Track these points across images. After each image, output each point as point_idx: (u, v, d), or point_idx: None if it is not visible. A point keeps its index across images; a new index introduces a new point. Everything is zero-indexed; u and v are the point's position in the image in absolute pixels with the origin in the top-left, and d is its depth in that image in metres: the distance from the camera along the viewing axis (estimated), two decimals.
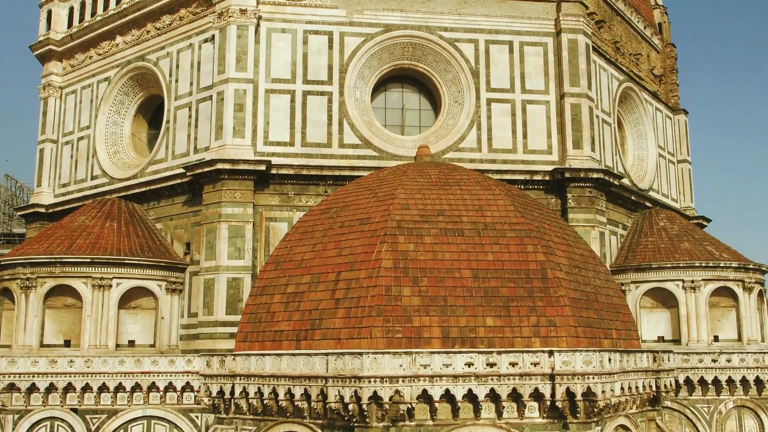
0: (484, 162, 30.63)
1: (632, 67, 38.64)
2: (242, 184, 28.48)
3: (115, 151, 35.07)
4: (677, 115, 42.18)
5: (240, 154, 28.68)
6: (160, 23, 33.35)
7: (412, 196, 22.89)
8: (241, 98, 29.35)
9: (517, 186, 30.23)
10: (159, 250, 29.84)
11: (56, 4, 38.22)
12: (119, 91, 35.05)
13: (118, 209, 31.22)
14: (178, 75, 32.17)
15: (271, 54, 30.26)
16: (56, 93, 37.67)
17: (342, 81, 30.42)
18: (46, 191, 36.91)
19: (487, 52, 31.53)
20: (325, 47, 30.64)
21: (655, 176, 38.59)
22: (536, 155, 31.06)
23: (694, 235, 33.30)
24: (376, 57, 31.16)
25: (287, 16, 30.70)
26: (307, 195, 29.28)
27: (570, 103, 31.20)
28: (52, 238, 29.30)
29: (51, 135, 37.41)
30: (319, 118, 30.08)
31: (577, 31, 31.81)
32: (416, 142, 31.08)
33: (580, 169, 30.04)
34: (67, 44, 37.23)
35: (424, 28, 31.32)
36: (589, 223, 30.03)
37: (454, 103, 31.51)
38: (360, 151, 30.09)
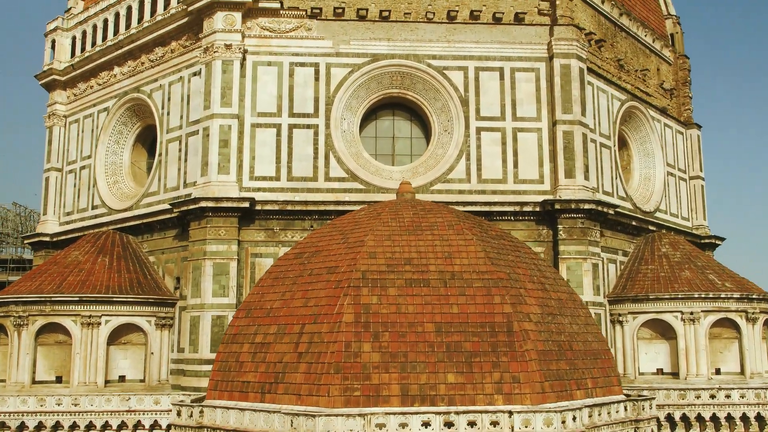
0: (473, 193, 30.12)
1: (638, 84, 37.49)
2: (227, 221, 28.55)
3: (114, 180, 35.52)
4: (689, 130, 40.84)
5: (224, 192, 28.73)
6: (154, 55, 33.59)
7: (381, 243, 22.57)
8: (226, 134, 29.37)
9: (506, 217, 29.76)
10: (149, 286, 30.14)
11: (59, 33, 38.83)
12: (118, 121, 35.46)
13: (112, 243, 31.62)
14: (170, 108, 32.38)
15: (257, 88, 30.20)
16: (60, 122, 38.31)
17: (328, 113, 30.20)
18: (51, 219, 37.63)
19: (476, 80, 30.91)
20: (311, 79, 30.44)
21: (663, 196, 37.46)
22: (527, 185, 30.38)
23: (697, 262, 32.22)
24: (363, 87, 30.83)
25: (273, 49, 30.57)
26: (292, 230, 29.23)
27: (562, 130, 30.41)
28: (45, 274, 29.85)
29: (56, 163, 38.08)
30: (305, 151, 29.94)
31: (570, 56, 30.94)
32: (405, 173, 30.74)
33: (570, 201, 29.28)
34: (70, 74, 37.81)
35: (412, 56, 30.85)
36: (581, 255, 29.29)
37: (443, 132, 31.02)
38: (346, 184, 29.87)
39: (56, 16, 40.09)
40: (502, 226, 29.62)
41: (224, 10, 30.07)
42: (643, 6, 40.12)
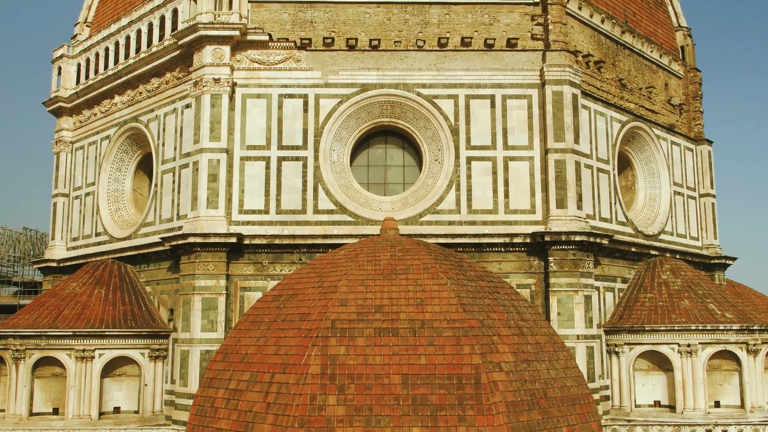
0: (463, 224, 29.82)
1: (643, 102, 36.61)
2: (215, 256, 28.77)
3: (116, 208, 36.07)
4: (700, 146, 39.74)
5: (212, 227, 28.95)
6: (150, 86, 33.95)
7: (354, 288, 22.49)
8: (215, 168, 29.57)
9: (497, 249, 29.41)
10: (143, 318, 30.60)
11: (65, 60, 39.48)
12: (119, 149, 35.98)
13: (110, 273, 32.17)
14: (164, 139, 32.72)
15: (247, 120, 30.30)
16: (67, 148, 39.03)
17: (317, 145, 30.17)
18: (59, 245, 38.41)
19: (467, 108, 30.53)
20: (300, 111, 30.43)
21: (669, 217, 36.57)
22: (518, 215, 29.95)
23: (698, 290, 31.42)
24: (353, 117, 30.71)
25: (262, 81, 30.62)
26: (281, 264, 29.33)
27: (554, 159, 29.87)
28: (43, 307, 30.52)
29: (63, 189, 38.83)
30: (293, 184, 29.98)
31: (563, 82, 30.33)
32: (395, 203, 30.60)
33: (560, 233, 28.77)
34: (75, 101, 38.44)
35: (401, 86, 30.60)
36: (572, 287, 28.78)
37: (434, 162, 30.74)
38: (335, 216, 29.84)
39: (64, 42, 40.90)
40: (492, 257, 29.40)
41: (213, 44, 30.20)
42: (650, 20, 39.10)
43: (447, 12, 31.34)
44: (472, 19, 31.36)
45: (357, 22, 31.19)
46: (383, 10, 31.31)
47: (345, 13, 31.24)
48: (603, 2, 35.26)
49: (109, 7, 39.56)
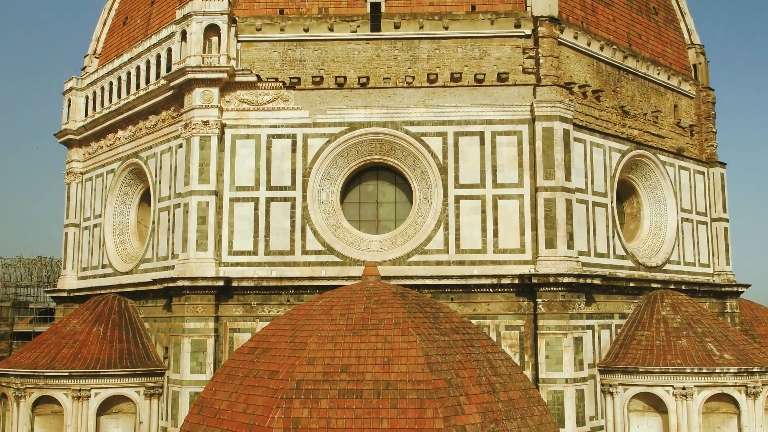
0: (452, 264, 29.55)
1: (648, 127, 35.62)
2: (204, 299, 29.17)
3: (121, 240, 36.81)
4: (712, 168, 38.48)
5: (201, 270, 29.32)
6: (149, 122, 34.47)
7: (323, 346, 22.56)
8: (204, 210, 29.91)
9: (485, 290, 29.08)
10: (139, 356, 31.24)
11: (74, 93, 40.33)
12: (123, 182, 36.66)
13: (110, 310, 32.92)
14: (161, 177, 33.23)
15: (236, 162, 30.54)
16: (77, 179, 39.93)
17: (305, 185, 30.24)
18: (69, 274, 39.40)
19: (456, 145, 30.17)
20: (288, 151, 30.52)
21: (675, 245, 35.58)
22: (508, 255, 29.53)
23: (697, 328, 30.56)
24: (342, 156, 30.67)
25: (251, 122, 30.80)
26: (269, 305, 29.55)
27: (543, 198, 29.32)
28: (44, 345, 31.44)
29: (74, 219, 39.76)
30: (282, 224, 30.13)
31: (553, 118, 29.70)
32: (383, 243, 30.50)
33: (548, 275, 28.26)
34: (83, 134, 39.28)
35: (389, 123, 30.41)
36: (561, 330, 28.27)
37: (423, 200, 30.51)
38: (322, 257, 29.90)
39: (75, 73, 41.83)
40: (481, 298, 29.13)
41: (201, 86, 30.49)
42: (658, 40, 37.93)
43: (437, 47, 30.98)
44: (462, 54, 30.92)
45: (346, 59, 31.07)
46: (372, 46, 31.11)
47: (334, 50, 31.14)
48: (604, 28, 34.35)
49: (116, 39, 40.28)
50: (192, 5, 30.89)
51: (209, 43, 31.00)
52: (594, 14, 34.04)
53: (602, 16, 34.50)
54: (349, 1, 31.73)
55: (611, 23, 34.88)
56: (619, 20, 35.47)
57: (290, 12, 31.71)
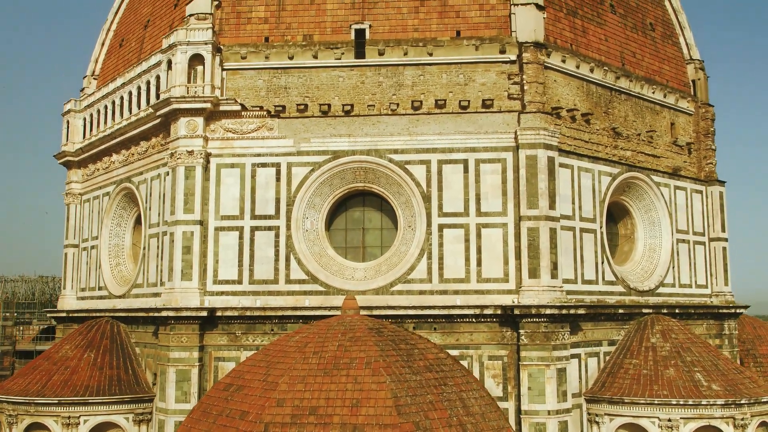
0: (435, 293, 29.44)
1: (642, 148, 35.10)
2: (188, 328, 29.40)
3: (116, 263, 37.26)
4: (711, 187, 37.81)
5: (186, 300, 29.57)
6: (140, 148, 34.79)
7: (293, 386, 22.62)
8: (188, 240, 30.13)
9: (468, 320, 28.95)
10: (129, 382, 31.64)
11: (72, 114, 40.85)
12: (117, 205, 37.09)
13: (102, 335, 33.37)
14: (151, 203, 33.54)
15: (221, 191, 30.70)
16: (76, 200, 40.48)
17: (289, 214, 30.32)
18: (69, 294, 40.01)
19: (439, 173, 30.01)
20: (272, 180, 30.61)
21: (669, 267, 35.06)
22: (491, 284, 29.34)
23: (686, 357, 30.11)
24: (326, 184, 30.68)
25: (236, 150, 30.93)
26: (254, 334, 29.71)
27: (527, 227, 29.06)
28: (36, 371, 31.98)
29: (73, 240, 40.35)
30: (266, 254, 30.25)
31: (537, 146, 29.38)
32: (368, 271, 30.50)
33: (530, 306, 28.03)
34: (80, 156, 39.81)
35: (373, 152, 30.34)
36: (544, 361, 28.05)
37: (407, 228, 30.42)
38: (306, 286, 29.98)
39: (76, 93, 42.39)
40: (464, 328, 29.02)
41: (186, 115, 30.67)
42: (655, 57, 37.30)
43: (421, 73, 30.81)
44: (447, 80, 30.72)
45: (331, 87, 31.04)
46: (357, 73, 31.04)
47: (319, 78, 31.13)
48: (595, 48, 33.87)
49: (113, 61, 40.70)
50: (177, 35, 31.05)
51: (194, 72, 31.14)
52: (584, 35, 33.57)
53: (593, 36, 34.01)
54: (333, 27, 31.66)
55: (603, 43, 34.38)
56: (611, 39, 34.94)
57: (275, 39, 31.73)
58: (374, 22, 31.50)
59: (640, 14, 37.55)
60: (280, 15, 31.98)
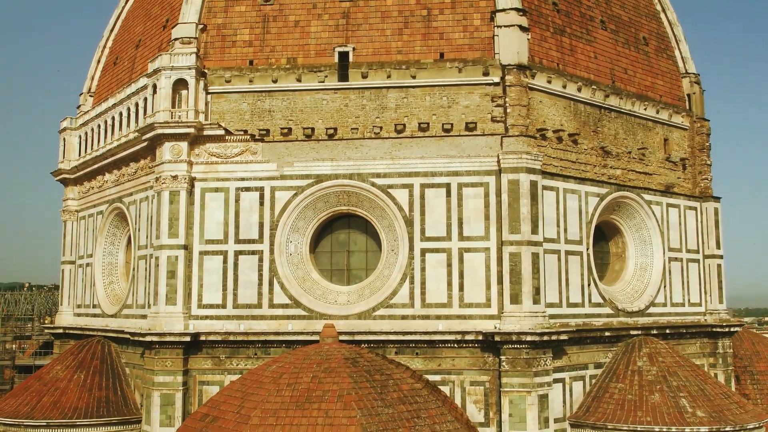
0: (417, 318, 29.41)
1: (633, 165, 34.73)
2: (173, 353, 29.64)
3: (110, 281, 37.66)
4: (706, 203, 37.31)
5: (170, 324, 29.80)
6: (130, 169, 35.08)
7: (265, 420, 22.70)
8: (173, 265, 30.34)
9: (450, 345, 28.90)
10: (117, 404, 32.00)
11: (68, 132, 41.29)
12: (111, 224, 37.45)
13: (92, 355, 33.78)
14: (140, 224, 33.81)
15: (205, 215, 30.86)
16: (73, 217, 40.94)
17: (272, 238, 30.41)
18: (66, 310, 40.53)
19: (422, 197, 29.91)
20: (256, 204, 30.70)
21: (661, 286, 34.69)
22: (473, 309, 29.23)
23: (672, 382, 29.81)
24: (310, 207, 30.73)
25: (220, 175, 31.06)
26: (237, 358, 29.91)
27: (509, 252, 28.88)
28: (27, 392, 32.46)
29: (69, 257, 40.85)
30: (250, 278, 30.38)
31: (519, 170, 29.16)
32: (351, 295, 30.54)
33: (511, 333, 27.90)
34: (75, 174, 40.23)
35: (355, 176, 30.32)
36: (525, 387, 27.91)
37: (390, 252, 30.38)
38: (289, 311, 30.09)
39: (75, 108, 42.80)
40: (446, 353, 29.02)
41: (171, 140, 30.83)
42: (648, 72, 36.81)
43: (405, 96, 30.70)
44: (431, 102, 30.58)
45: (314, 110, 31.05)
46: (340, 96, 31.01)
47: (302, 101, 31.15)
48: (583, 67, 33.51)
49: (107, 79, 41.02)
50: (161, 60, 31.21)
51: (179, 96, 31.28)
52: (572, 54, 33.21)
53: (582, 54, 33.64)
54: (317, 50, 31.63)
55: (592, 61, 33.99)
56: (601, 57, 34.53)
57: (259, 62, 31.78)
58: (358, 44, 31.42)
59: (632, 29, 37.07)
60: (265, 38, 32.03)
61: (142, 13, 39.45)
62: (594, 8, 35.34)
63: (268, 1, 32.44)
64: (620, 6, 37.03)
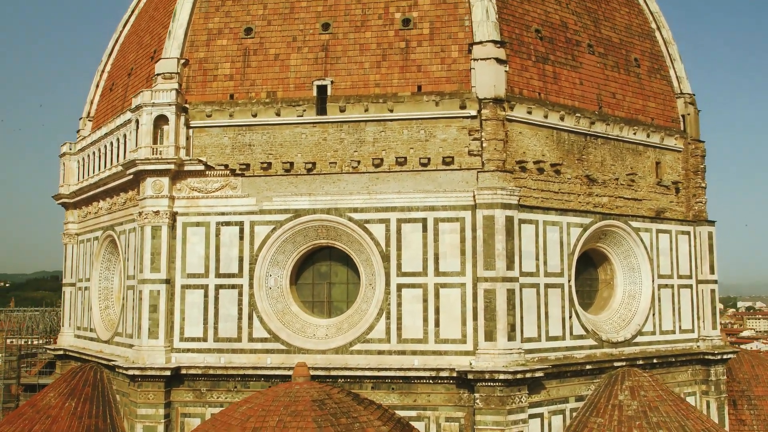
0: (393, 354, 29.54)
1: (621, 192, 34.27)
2: (155, 386, 30.25)
3: (105, 306, 38.45)
4: (699, 227, 36.67)
5: (152, 358, 30.40)
6: (120, 199, 35.68)
7: None
8: (155, 299, 30.90)
9: (425, 381, 28.99)
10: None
11: (68, 157, 42.12)
12: (105, 250, 38.20)
13: (84, 382, 34.61)
14: (129, 254, 34.42)
15: (187, 249, 31.32)
16: (73, 240, 41.85)
17: (252, 273, 30.75)
18: (67, 332, 41.52)
19: (398, 232, 29.95)
20: (236, 238, 31.06)
21: (649, 315, 34.27)
22: (449, 345, 29.25)
23: (652, 418, 29.48)
24: (290, 241, 30.99)
25: (201, 209, 31.47)
26: (218, 391, 30.39)
27: (483, 289, 28.82)
28: (20, 419, 33.37)
29: (70, 279, 41.79)
30: (230, 312, 30.81)
31: (495, 206, 29.02)
32: (330, 329, 30.79)
33: (484, 371, 27.87)
34: (74, 198, 41.07)
35: (333, 210, 30.47)
36: (498, 426, 27.89)
37: (368, 286, 30.52)
38: (268, 345, 30.44)
39: (75, 132, 43.62)
40: (422, 389, 29.18)
41: (153, 176, 31.33)
42: (638, 95, 36.19)
43: (382, 129, 30.70)
44: (408, 136, 30.54)
45: (294, 144, 31.23)
46: (319, 130, 31.13)
47: (282, 135, 31.35)
48: (568, 94, 33.07)
49: (104, 105, 41.69)
50: (143, 96, 31.66)
51: (161, 132, 31.72)
52: (555, 81, 32.81)
53: (566, 81, 33.21)
54: (297, 83, 31.77)
55: (577, 88, 33.54)
56: (587, 82, 34.05)
57: (240, 96, 32.04)
58: (336, 77, 31.48)
59: (623, 51, 36.45)
60: (245, 71, 32.26)
61: (136, 41, 39.99)
62: (581, 32, 34.83)
63: (249, 34, 32.62)
64: (610, 28, 36.44)
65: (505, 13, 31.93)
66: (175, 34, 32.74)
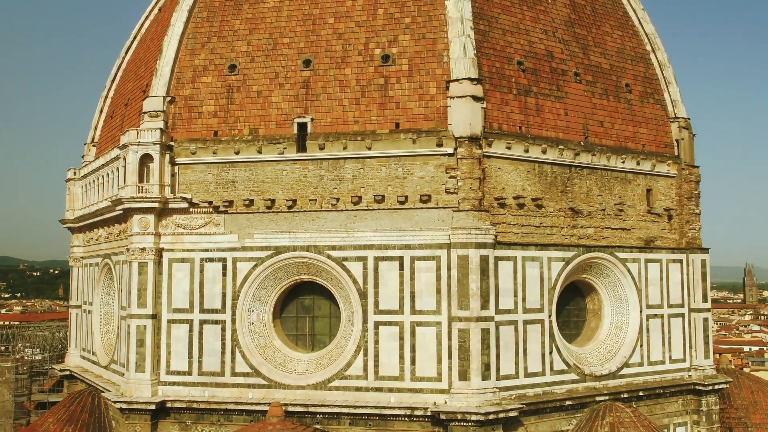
0: (370, 390, 29.92)
1: (608, 222, 33.98)
2: (141, 418, 31.20)
3: (106, 330, 39.60)
4: (692, 255, 36.13)
5: (139, 391, 31.33)
6: (116, 229, 36.64)
7: None
8: (142, 333, 31.78)
9: (401, 418, 29.34)
10: None
11: (73, 183, 43.33)
12: (105, 276, 39.30)
13: (82, 408, 35.82)
14: (122, 285, 35.38)
15: (173, 284, 32.10)
16: (78, 263, 43.11)
17: (234, 308, 31.40)
18: (73, 352, 42.93)
19: (376, 270, 30.24)
20: (219, 275, 31.72)
21: (637, 346, 34.00)
22: (425, 383, 29.51)
23: None
24: (271, 277, 31.53)
25: (186, 245, 32.19)
26: (202, 424, 31.20)
27: (458, 328, 28.98)
28: None
29: (76, 301, 43.11)
30: (213, 346, 31.53)
31: (469, 246, 29.09)
32: (310, 364, 31.30)
33: (456, 412, 28.08)
34: (77, 224, 42.26)
35: (312, 248, 30.89)
36: None
37: (347, 323, 30.93)
38: (250, 379, 31.10)
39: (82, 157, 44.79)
40: (398, 426, 29.56)
41: (139, 213, 32.13)
42: (629, 121, 35.69)
43: (361, 166, 30.95)
44: (386, 173, 30.74)
45: (275, 180, 31.69)
46: (299, 167, 31.53)
47: (264, 172, 31.83)
48: (551, 126, 32.80)
49: (106, 131, 42.69)
50: (128, 135, 32.43)
51: (147, 169, 32.43)
52: (538, 114, 32.56)
53: (550, 113, 32.93)
54: (278, 121, 32.16)
55: (561, 119, 33.24)
56: (572, 113, 33.72)
57: (223, 134, 32.57)
58: (316, 114, 31.78)
59: (613, 77, 35.96)
60: (229, 108, 32.76)
61: (133, 70, 40.83)
62: (568, 60, 34.47)
63: (233, 71, 33.10)
64: (600, 54, 35.98)
65: (485, 46, 31.79)
66: (162, 72, 33.39)
